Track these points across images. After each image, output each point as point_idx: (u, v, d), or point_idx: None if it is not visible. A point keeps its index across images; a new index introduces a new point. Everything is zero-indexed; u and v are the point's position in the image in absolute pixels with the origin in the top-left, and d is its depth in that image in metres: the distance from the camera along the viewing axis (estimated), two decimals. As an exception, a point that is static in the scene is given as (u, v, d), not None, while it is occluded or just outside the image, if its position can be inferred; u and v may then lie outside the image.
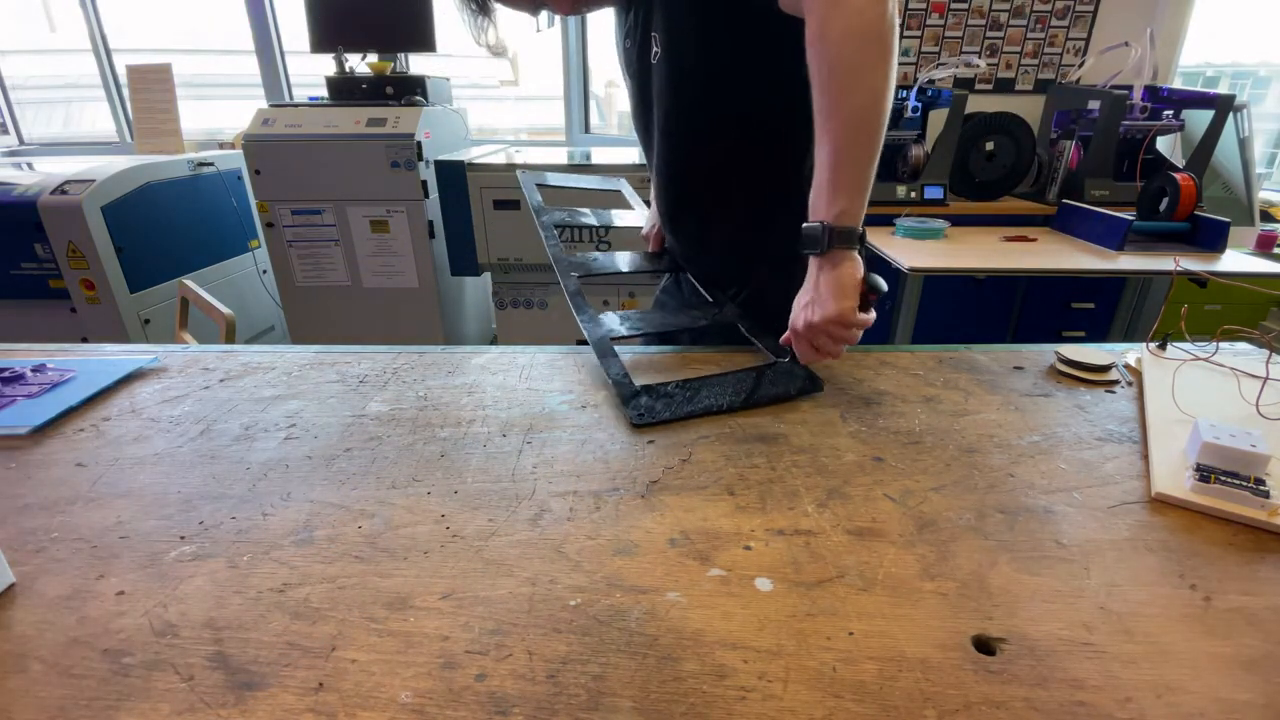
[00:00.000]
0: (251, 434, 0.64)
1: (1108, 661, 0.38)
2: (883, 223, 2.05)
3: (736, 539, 0.49)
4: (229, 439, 0.63)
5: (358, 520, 0.51)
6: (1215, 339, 0.78)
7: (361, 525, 0.50)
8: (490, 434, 0.64)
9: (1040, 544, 0.48)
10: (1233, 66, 2.95)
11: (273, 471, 0.57)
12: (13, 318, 2.10)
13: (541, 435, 0.64)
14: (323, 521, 0.51)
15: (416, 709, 0.35)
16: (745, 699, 0.36)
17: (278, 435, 0.64)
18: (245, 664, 0.38)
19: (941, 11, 2.50)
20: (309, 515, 0.52)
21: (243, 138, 2.13)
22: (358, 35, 2.31)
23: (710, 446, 0.62)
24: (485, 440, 0.63)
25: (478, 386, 0.74)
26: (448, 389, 0.73)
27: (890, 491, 0.55)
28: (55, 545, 0.48)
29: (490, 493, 0.55)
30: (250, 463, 0.59)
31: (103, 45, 2.74)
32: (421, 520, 0.51)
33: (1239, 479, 0.53)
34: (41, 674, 0.37)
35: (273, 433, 0.64)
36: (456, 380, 0.76)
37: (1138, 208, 2.01)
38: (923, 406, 0.70)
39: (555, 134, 2.94)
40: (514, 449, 0.62)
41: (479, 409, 0.69)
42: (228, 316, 1.34)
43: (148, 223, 2.13)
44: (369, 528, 0.50)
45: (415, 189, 2.14)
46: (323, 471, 0.58)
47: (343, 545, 0.48)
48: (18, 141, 2.91)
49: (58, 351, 0.84)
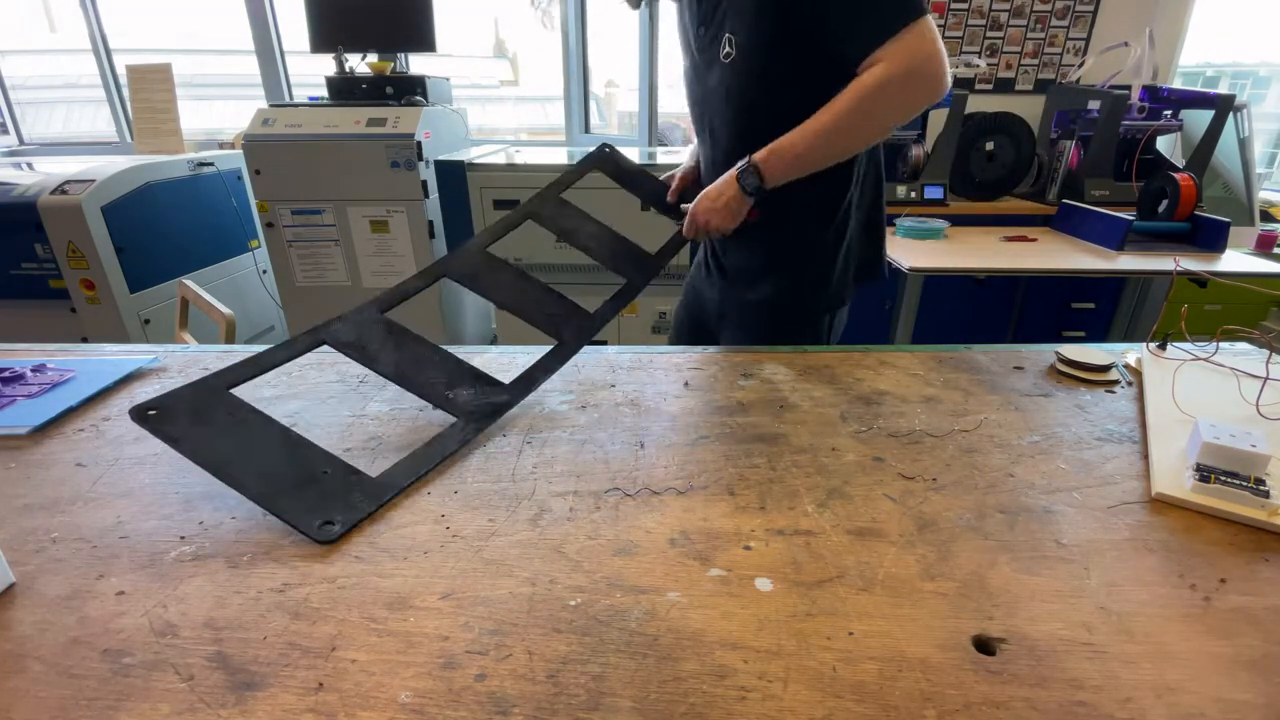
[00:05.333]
0: (251, 434, 0.64)
1: (1108, 661, 0.38)
2: (883, 223, 2.05)
3: (736, 539, 0.49)
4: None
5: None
6: (1215, 339, 0.78)
7: (361, 525, 0.50)
8: (490, 434, 0.64)
9: (1040, 544, 0.48)
10: (1233, 66, 2.95)
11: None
12: (13, 318, 2.10)
13: (541, 435, 0.64)
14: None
15: (416, 709, 0.35)
16: (745, 699, 0.36)
17: (278, 435, 0.64)
18: (245, 664, 0.38)
19: (941, 11, 2.49)
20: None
21: (243, 138, 2.12)
22: (358, 35, 2.31)
23: (710, 446, 0.62)
24: (485, 440, 0.63)
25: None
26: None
27: (890, 491, 0.55)
28: (55, 545, 0.48)
29: (490, 493, 0.55)
30: (250, 463, 0.59)
31: (103, 45, 2.74)
32: (421, 520, 0.51)
33: (1239, 479, 0.53)
34: (41, 674, 0.37)
35: (273, 433, 0.64)
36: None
37: (1138, 208, 2.01)
38: (923, 406, 0.70)
39: (555, 134, 2.94)
40: (514, 449, 0.62)
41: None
42: (228, 316, 1.34)
43: (148, 223, 2.13)
44: (369, 528, 0.50)
45: (415, 189, 2.13)
46: (323, 471, 0.57)
47: (343, 545, 0.48)
48: (18, 141, 2.90)
49: (58, 351, 0.84)
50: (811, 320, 0.98)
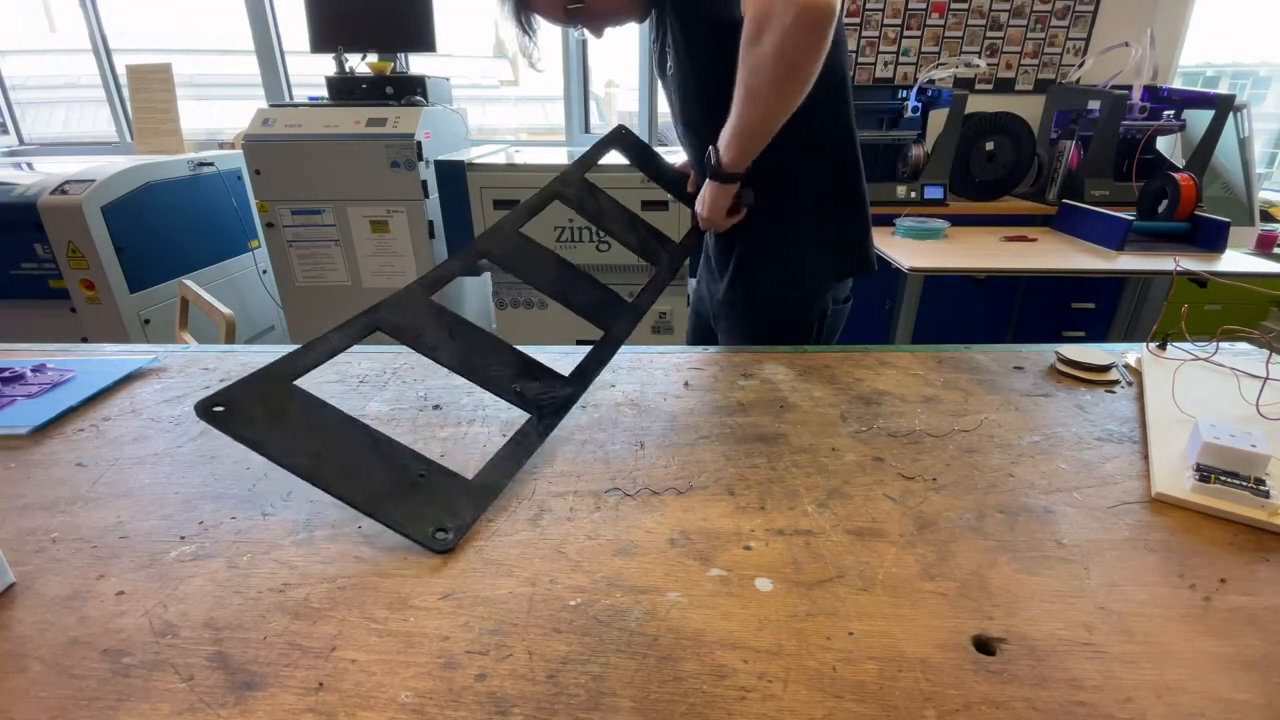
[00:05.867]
0: (251, 434, 0.64)
1: (1108, 661, 0.38)
2: (883, 223, 2.04)
3: (736, 539, 0.49)
4: (229, 439, 0.63)
5: (358, 520, 0.51)
6: (1215, 339, 0.78)
7: (361, 525, 0.50)
8: (490, 434, 0.64)
9: (1040, 544, 0.48)
10: (1233, 66, 2.95)
11: (273, 471, 0.57)
12: (13, 318, 2.10)
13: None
14: (323, 521, 0.51)
15: (416, 709, 0.35)
16: (745, 699, 0.36)
17: (278, 435, 0.64)
18: (245, 664, 0.38)
19: (941, 11, 2.49)
20: (309, 515, 0.52)
21: (243, 138, 2.12)
22: (358, 35, 2.31)
23: (710, 446, 0.62)
24: (485, 440, 0.63)
25: (478, 386, 0.74)
26: (448, 389, 0.73)
27: (890, 491, 0.55)
28: (55, 545, 0.48)
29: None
30: (250, 463, 0.59)
31: (103, 45, 2.74)
32: (421, 520, 0.51)
33: (1239, 479, 0.53)
34: (41, 674, 0.37)
35: (273, 433, 0.64)
36: (456, 380, 0.76)
37: (1138, 208, 2.01)
38: (923, 406, 0.70)
39: (555, 134, 2.94)
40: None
41: (479, 409, 0.69)
42: (227, 316, 1.34)
43: (148, 223, 2.13)
44: (369, 528, 0.50)
45: (415, 189, 2.13)
46: (323, 471, 0.57)
47: (343, 545, 0.48)
48: (18, 141, 2.90)
49: (58, 351, 0.84)
50: (795, 315, 0.97)
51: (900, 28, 2.53)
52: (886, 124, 2.39)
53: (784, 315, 0.97)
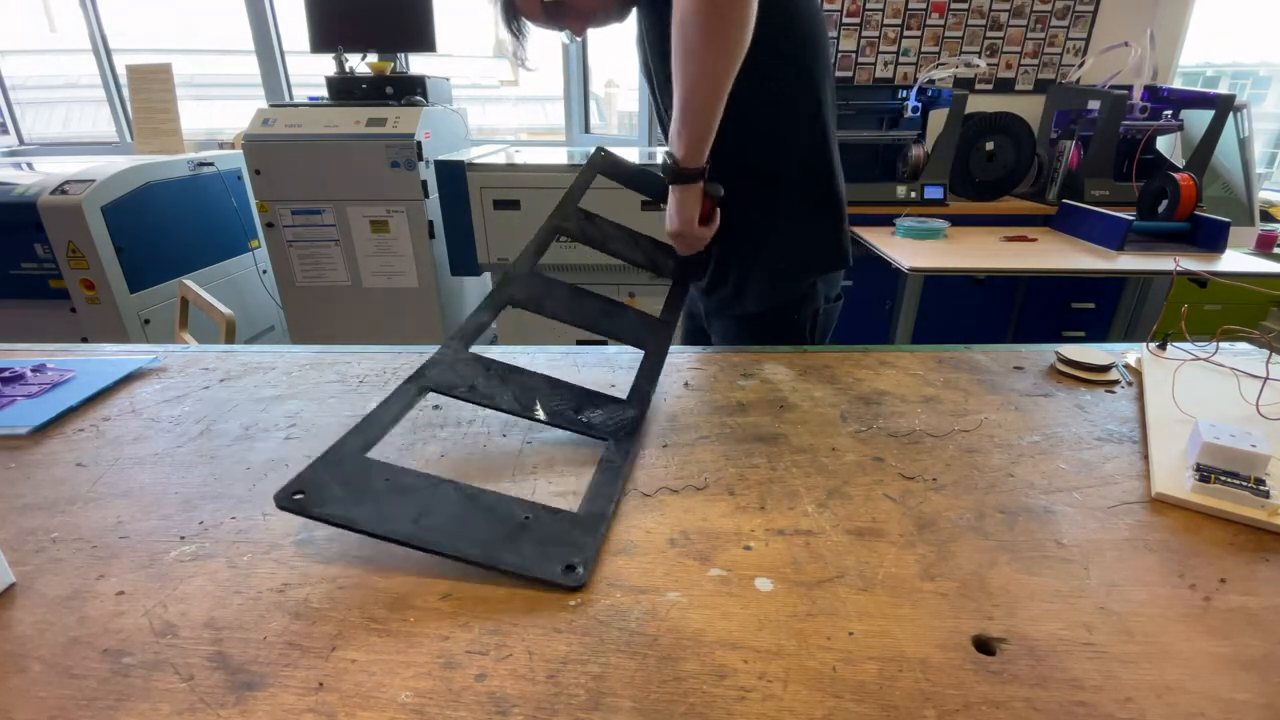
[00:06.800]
0: (251, 434, 0.64)
1: (1108, 661, 0.38)
2: (883, 223, 2.05)
3: (736, 539, 0.49)
4: (229, 439, 0.63)
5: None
6: (1215, 339, 0.78)
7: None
8: (490, 434, 0.64)
9: (1040, 544, 0.48)
10: (1233, 66, 2.95)
11: (273, 471, 0.57)
12: (13, 318, 2.10)
13: (541, 435, 0.64)
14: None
15: (416, 709, 0.35)
16: (745, 699, 0.36)
17: (278, 435, 0.64)
18: (245, 664, 0.38)
19: (941, 11, 2.50)
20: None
21: (243, 138, 2.12)
22: (358, 35, 2.31)
23: (710, 446, 0.62)
24: (485, 440, 0.63)
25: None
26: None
27: (890, 491, 0.55)
28: (55, 545, 0.48)
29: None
30: (250, 463, 0.59)
31: (103, 45, 2.74)
32: (421, 520, 0.51)
33: (1239, 479, 0.53)
34: (41, 674, 0.37)
35: (273, 433, 0.64)
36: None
37: (1138, 208, 2.01)
38: (923, 406, 0.70)
39: (555, 134, 2.94)
40: (514, 449, 0.61)
41: (478, 409, 0.69)
42: (228, 316, 1.34)
43: (148, 223, 2.13)
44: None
45: (415, 189, 2.14)
46: (323, 471, 0.57)
47: (343, 545, 0.48)
48: (18, 141, 2.90)
49: (58, 351, 0.84)
50: (786, 314, 0.96)
51: (900, 28, 2.53)
52: (886, 124, 2.39)
53: (776, 314, 0.97)
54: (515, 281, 0.74)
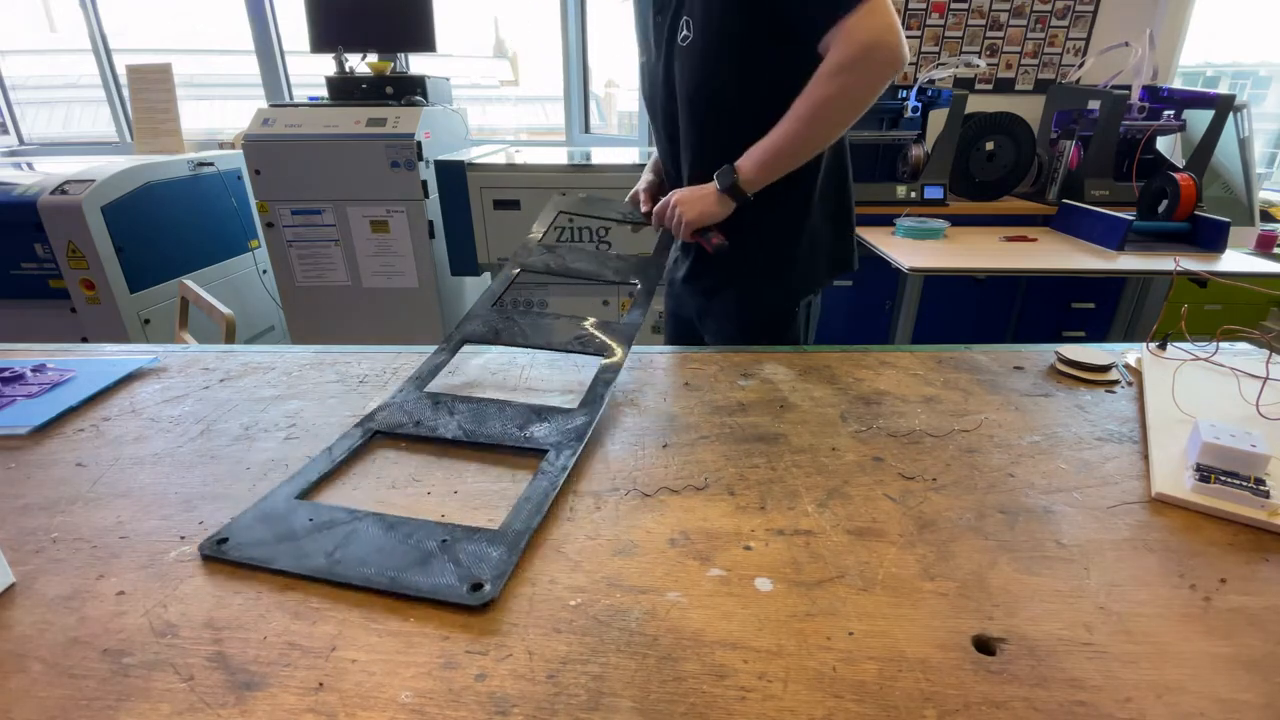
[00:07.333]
0: (251, 434, 0.64)
1: (1108, 661, 0.38)
2: (883, 223, 2.05)
3: (736, 539, 0.49)
4: (229, 439, 0.63)
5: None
6: (1215, 339, 0.78)
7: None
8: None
9: (1040, 544, 0.48)
10: (1233, 66, 2.95)
11: (273, 471, 0.57)
12: (13, 318, 2.10)
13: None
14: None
15: (416, 709, 0.35)
16: (745, 699, 0.36)
17: (278, 435, 0.64)
18: (245, 664, 0.38)
19: (941, 11, 2.49)
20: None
21: (243, 138, 2.12)
22: (358, 35, 2.31)
23: (710, 446, 0.62)
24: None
25: (478, 386, 0.74)
26: (448, 389, 0.73)
27: (890, 491, 0.55)
28: (55, 545, 0.48)
29: (489, 493, 0.55)
30: (250, 463, 0.59)
31: (103, 45, 2.74)
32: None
33: (1239, 479, 0.53)
34: (41, 674, 0.37)
35: (273, 433, 0.64)
36: (456, 380, 0.76)
37: (1138, 208, 2.01)
38: (923, 406, 0.70)
39: (555, 134, 2.94)
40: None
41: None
42: (228, 316, 1.34)
43: (148, 223, 2.13)
44: (369, 528, 0.50)
45: (415, 189, 2.13)
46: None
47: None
48: (18, 141, 2.90)
49: (58, 351, 0.84)
50: (784, 315, 0.98)
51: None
52: (886, 124, 2.39)
53: (776, 313, 0.98)
54: (473, 319, 0.80)
